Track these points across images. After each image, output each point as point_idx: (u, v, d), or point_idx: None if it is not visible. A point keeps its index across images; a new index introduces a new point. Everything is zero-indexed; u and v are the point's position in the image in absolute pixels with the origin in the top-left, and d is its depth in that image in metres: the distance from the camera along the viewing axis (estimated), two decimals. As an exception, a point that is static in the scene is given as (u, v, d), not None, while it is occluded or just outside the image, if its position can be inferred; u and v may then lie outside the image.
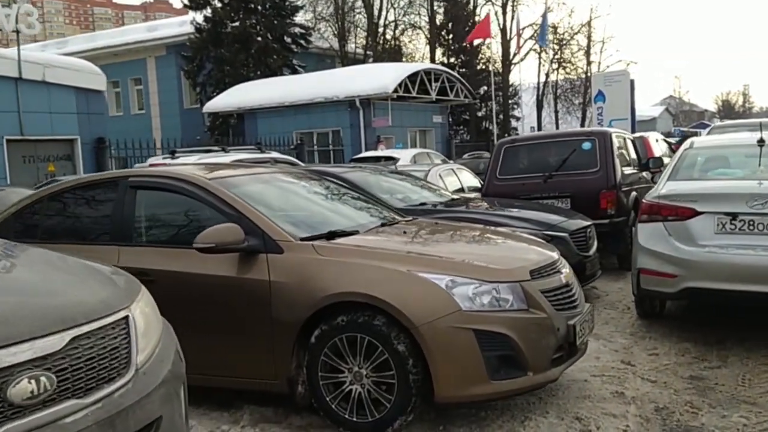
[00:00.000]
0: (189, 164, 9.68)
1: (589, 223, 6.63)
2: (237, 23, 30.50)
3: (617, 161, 7.98)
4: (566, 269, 4.15)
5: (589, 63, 37.21)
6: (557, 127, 36.07)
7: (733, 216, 4.92)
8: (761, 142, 5.53)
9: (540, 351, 3.63)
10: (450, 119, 38.09)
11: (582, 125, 35.41)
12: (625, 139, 8.94)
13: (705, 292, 5.02)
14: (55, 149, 13.89)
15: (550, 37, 34.58)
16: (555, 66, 36.27)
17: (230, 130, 29.18)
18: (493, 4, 35.49)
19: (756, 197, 4.87)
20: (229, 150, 10.61)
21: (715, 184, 5.38)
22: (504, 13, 34.14)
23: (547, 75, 36.33)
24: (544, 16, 26.86)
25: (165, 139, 20.53)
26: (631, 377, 4.53)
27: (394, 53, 36.81)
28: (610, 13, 72.38)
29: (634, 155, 9.16)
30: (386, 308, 3.51)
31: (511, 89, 38.55)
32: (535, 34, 27.88)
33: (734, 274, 4.84)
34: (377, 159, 15.62)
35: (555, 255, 4.19)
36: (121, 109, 36.27)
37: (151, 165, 10.28)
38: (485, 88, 38.34)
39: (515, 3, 34.93)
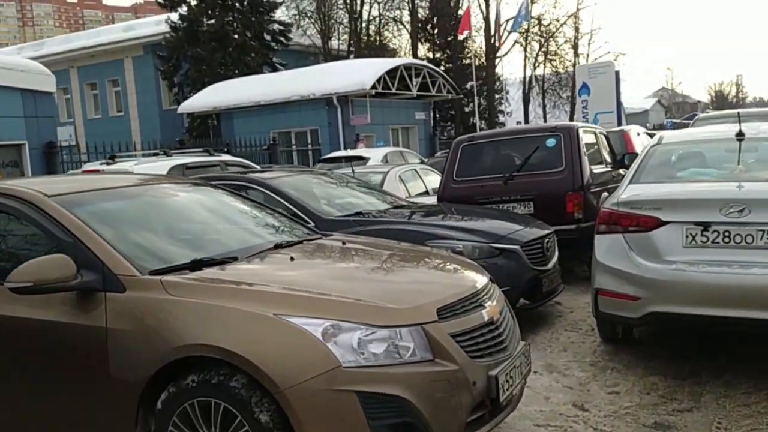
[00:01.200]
0: (117, 172, 8.85)
1: (547, 231, 5.82)
2: (213, 21, 29.62)
3: (585, 159, 7.17)
4: (493, 300, 3.33)
5: (576, 56, 36.42)
6: (545, 122, 35.28)
7: (705, 226, 4.12)
8: (740, 135, 4.72)
9: (449, 414, 2.82)
10: (436, 115, 37.35)
11: (571, 119, 34.62)
12: (596, 133, 8.12)
13: (673, 317, 4.22)
14: (1, 155, 13.05)
15: (536, 29, 33.81)
16: (541, 59, 35.46)
17: (210, 131, 28.39)
18: (477, -3, 34.58)
19: (731, 203, 4.06)
20: (171, 154, 9.77)
21: (683, 187, 4.56)
22: (487, 5, 33.28)
23: (534, 68, 35.53)
24: (524, 3, 25.98)
25: (145, 141, 19.67)
26: (582, 428, 3.73)
27: (377, 50, 35.95)
28: (597, 3, 71.04)
29: (608, 152, 8.36)
30: (245, 366, 2.69)
31: (498, 84, 37.74)
32: (516, 23, 26.93)
33: (706, 296, 4.04)
34: (347, 159, 14.82)
35: (478, 283, 3.37)
36: (99, 111, 35.48)
37: (83, 171, 9.45)
38: (471, 83, 37.66)
39: (499, -5, 34.05)
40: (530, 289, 5.36)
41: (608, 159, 8.27)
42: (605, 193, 7.29)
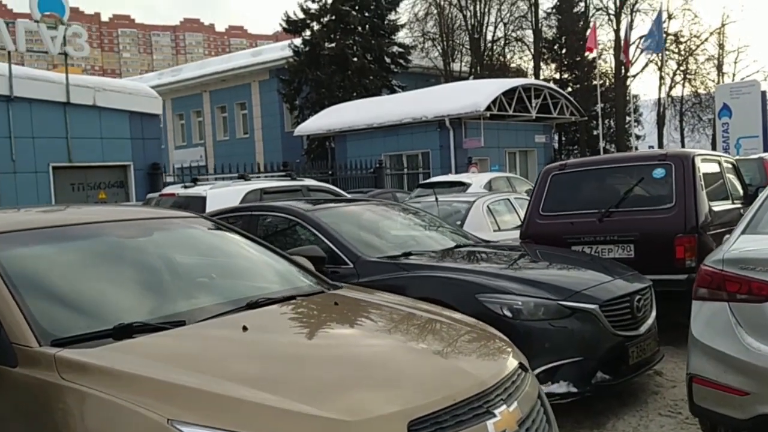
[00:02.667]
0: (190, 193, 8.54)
1: (641, 286, 4.66)
2: (334, 44, 29.87)
3: (702, 194, 5.88)
4: (512, 403, 2.36)
5: (721, 75, 33.37)
6: (683, 146, 32.51)
7: None
8: None
9: None
10: (562, 138, 35.60)
11: (713, 145, 31.65)
12: (721, 162, 6.74)
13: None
14: (107, 176, 13.40)
15: (673, 47, 31.24)
16: (679, 79, 32.73)
17: (328, 153, 28.53)
18: (607, 13, 32.63)
19: None
20: (249, 178, 9.36)
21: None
22: (618, 22, 31.24)
23: (670, 88, 32.88)
24: (656, 20, 23.91)
25: (268, 163, 19.84)
26: None
27: (500, 71, 34.83)
28: (743, 18, 65.46)
29: (737, 185, 6.94)
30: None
31: (630, 105, 35.38)
32: (648, 42, 24.90)
33: None
34: (448, 184, 13.95)
35: (492, 376, 2.41)
36: (227, 133, 36.85)
37: (160, 195, 9.25)
38: (601, 105, 35.56)
39: (633, 11, 31.91)
40: (611, 361, 4.25)
41: (737, 193, 6.86)
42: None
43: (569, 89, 35.85)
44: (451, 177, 15.15)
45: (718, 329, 3.25)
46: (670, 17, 31.73)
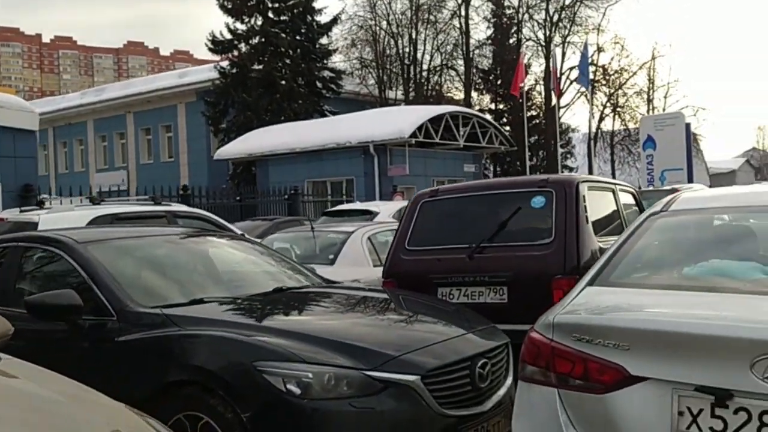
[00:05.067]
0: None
1: (493, 345, 3.61)
2: (261, 67, 28.78)
3: (587, 228, 4.92)
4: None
5: (651, 109, 33.52)
6: (613, 179, 32.39)
7: (720, 396, 1.89)
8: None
9: None
10: (496, 169, 35.16)
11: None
12: (615, 191, 5.81)
13: None
14: (-32, 197, 11.86)
15: (602, 80, 31.22)
16: (609, 111, 32.71)
17: (254, 178, 27.22)
18: (539, 44, 32.54)
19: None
20: (99, 201, 8.07)
21: (685, 300, 2.31)
22: (548, 52, 31.10)
23: (600, 121, 32.84)
24: (583, 53, 23.64)
25: (193, 188, 18.25)
26: None
27: (434, 100, 34.31)
28: (673, 52, 66.87)
29: (633, 218, 6.04)
30: None
31: (565, 137, 35.32)
32: (578, 75, 24.66)
33: None
34: (356, 212, 12.91)
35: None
36: (151, 156, 35.17)
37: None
38: (536, 137, 35.37)
39: (565, 42, 31.86)
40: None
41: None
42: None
43: (504, 120, 35.63)
44: (359, 205, 14.11)
45: (546, 429, 2.19)
46: (600, 50, 31.82)
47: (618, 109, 32.54)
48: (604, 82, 31.96)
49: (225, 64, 29.30)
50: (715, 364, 1.89)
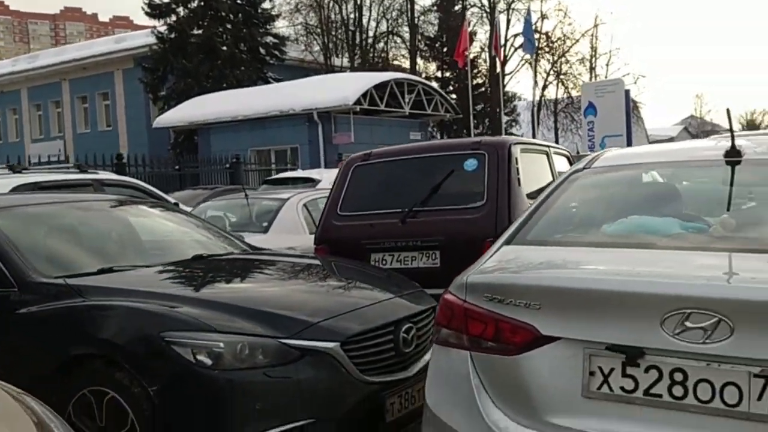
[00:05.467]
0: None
1: (419, 308, 3.51)
2: (201, 32, 27.88)
3: (520, 190, 4.86)
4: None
5: (594, 77, 33.91)
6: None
7: (631, 354, 1.82)
8: (733, 155, 2.43)
9: None
10: (443, 137, 35.15)
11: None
12: (550, 154, 5.76)
13: None
14: None
15: (546, 47, 31.37)
16: (552, 79, 32.98)
17: (197, 147, 26.51)
18: (483, 10, 32.45)
19: (693, 306, 1.76)
20: (19, 169, 7.63)
21: (597, 257, 2.23)
22: (492, 18, 31.02)
23: (543, 89, 33.06)
24: (526, 20, 23.61)
25: (132, 157, 17.48)
26: None
27: (380, 67, 33.94)
28: (615, 20, 67.79)
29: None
30: None
31: (510, 105, 35.53)
32: (522, 45, 24.71)
33: None
34: (298, 180, 12.67)
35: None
36: (89, 125, 33.92)
37: None
38: (482, 105, 35.47)
39: (510, 8, 31.85)
40: (361, 420, 3.06)
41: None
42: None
43: (450, 87, 35.56)
44: (301, 173, 13.86)
45: (458, 396, 2.10)
46: (543, 17, 31.92)
47: (561, 76, 32.83)
48: (547, 50, 32.15)
49: (163, 28, 28.29)
50: (626, 321, 1.81)
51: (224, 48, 27.96)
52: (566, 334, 1.90)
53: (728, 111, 2.44)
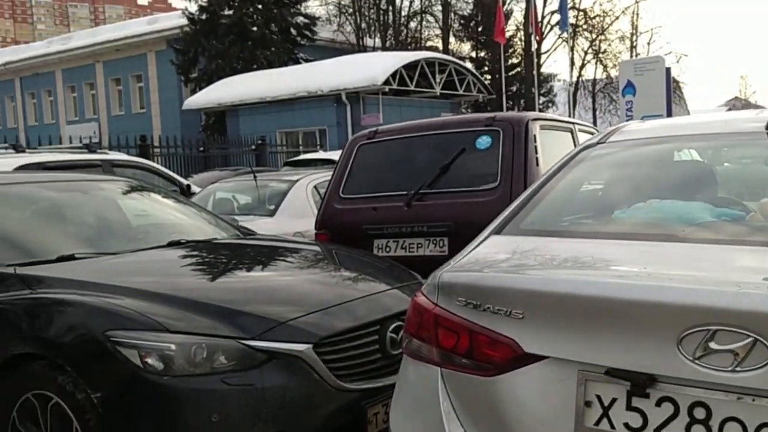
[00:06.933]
0: None
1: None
2: (232, 12, 27.61)
3: (537, 172, 4.39)
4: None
5: (634, 56, 32.73)
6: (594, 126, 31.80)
7: (639, 382, 1.38)
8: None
9: None
10: (475, 118, 34.41)
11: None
12: (575, 132, 5.25)
13: None
14: None
15: (584, 26, 30.30)
16: (590, 58, 31.87)
17: (226, 128, 26.39)
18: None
19: (718, 320, 1.31)
20: (23, 149, 7.42)
21: (610, 249, 1.77)
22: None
23: (581, 68, 32.01)
24: (563, -4, 22.74)
25: (164, 139, 17.35)
26: None
27: (413, 47, 33.30)
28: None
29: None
30: None
31: (546, 86, 34.62)
32: (558, 22, 23.83)
33: None
34: (319, 162, 12.33)
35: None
36: (122, 107, 34.08)
37: None
38: (516, 85, 34.60)
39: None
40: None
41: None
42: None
43: (485, 68, 34.73)
44: (323, 154, 13.50)
45: (425, 422, 1.69)
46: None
47: (600, 55, 31.72)
48: (585, 27, 31.08)
49: (194, 9, 28.10)
50: (633, 339, 1.38)
51: (255, 29, 27.66)
52: (555, 353, 1.47)
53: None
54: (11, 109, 38.51)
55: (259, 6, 28.44)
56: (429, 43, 35.89)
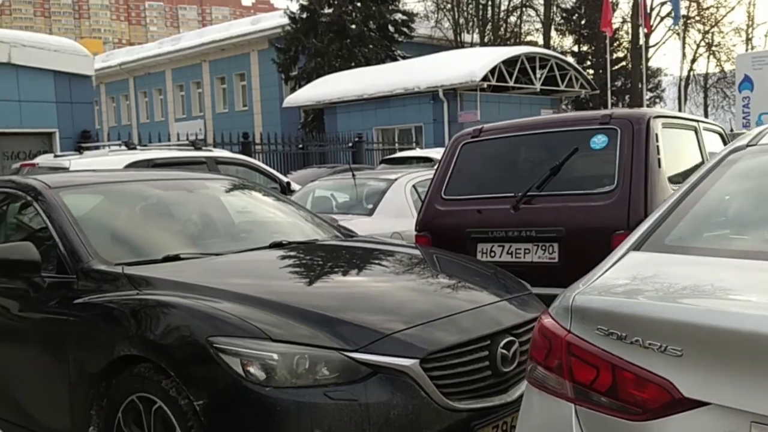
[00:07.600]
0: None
1: (523, 319, 2.88)
2: (331, 11, 27.95)
3: (660, 174, 4.05)
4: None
5: (749, 49, 30.67)
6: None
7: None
8: None
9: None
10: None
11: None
12: (699, 131, 4.83)
13: None
14: (27, 144, 11.80)
15: (696, 17, 28.63)
16: (703, 51, 30.08)
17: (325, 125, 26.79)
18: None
19: None
20: (134, 146, 7.68)
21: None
22: (637, -10, 28.73)
23: (692, 62, 30.24)
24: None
25: (266, 137, 17.85)
26: None
27: (513, 43, 32.59)
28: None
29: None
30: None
31: (654, 81, 33.06)
32: (670, 13, 22.59)
33: None
34: (416, 160, 12.22)
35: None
36: (226, 105, 35.26)
37: (22, 165, 7.65)
38: (622, 80, 33.25)
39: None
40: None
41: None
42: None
43: (588, 62, 33.55)
44: (419, 152, 13.35)
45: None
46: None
47: (713, 48, 29.86)
48: (698, 19, 29.35)
49: (295, 8, 28.66)
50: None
51: (353, 26, 27.88)
52: (721, 400, 1.24)
53: None
54: (125, 107, 40.68)
55: (358, 3, 28.65)
56: (529, 38, 35.03)
